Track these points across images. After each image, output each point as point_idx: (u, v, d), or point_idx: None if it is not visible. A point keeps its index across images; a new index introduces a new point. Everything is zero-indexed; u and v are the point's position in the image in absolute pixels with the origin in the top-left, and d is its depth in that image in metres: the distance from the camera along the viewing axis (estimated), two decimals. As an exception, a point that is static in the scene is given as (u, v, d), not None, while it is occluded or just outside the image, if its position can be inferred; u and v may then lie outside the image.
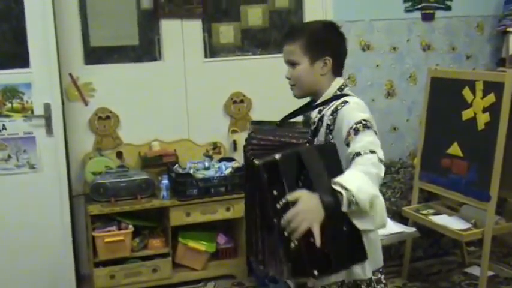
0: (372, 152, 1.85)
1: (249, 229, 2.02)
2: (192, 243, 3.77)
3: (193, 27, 3.99)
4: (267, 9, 4.17)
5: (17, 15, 3.53)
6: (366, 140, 1.88)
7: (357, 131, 1.90)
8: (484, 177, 3.34)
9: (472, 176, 3.44)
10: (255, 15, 4.14)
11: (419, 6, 4.44)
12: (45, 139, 3.56)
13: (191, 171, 3.74)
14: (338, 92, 2.09)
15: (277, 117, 2.21)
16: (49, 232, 3.62)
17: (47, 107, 3.52)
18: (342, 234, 1.80)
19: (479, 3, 4.59)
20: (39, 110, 3.53)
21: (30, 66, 3.51)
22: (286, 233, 1.71)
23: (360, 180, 1.78)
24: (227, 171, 3.76)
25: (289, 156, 1.79)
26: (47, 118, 3.53)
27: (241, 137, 4.08)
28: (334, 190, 1.75)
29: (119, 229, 3.62)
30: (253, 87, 4.11)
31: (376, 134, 1.94)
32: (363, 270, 2.04)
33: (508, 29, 4.46)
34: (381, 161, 1.87)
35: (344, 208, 1.75)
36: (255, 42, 4.20)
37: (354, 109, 1.98)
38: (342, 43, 2.15)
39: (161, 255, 3.73)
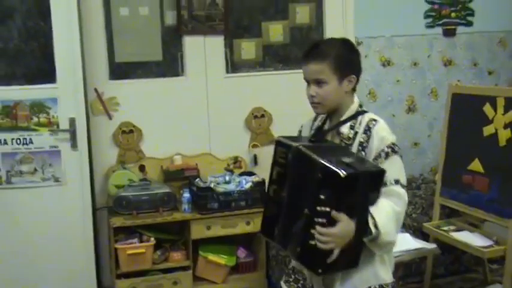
0: (397, 181, 2.05)
1: (273, 209, 2.14)
2: (212, 257, 3.79)
3: (215, 44, 4.05)
4: (288, 25, 4.21)
5: (44, 33, 3.64)
6: (394, 169, 2.06)
7: (387, 155, 2.06)
8: (506, 193, 3.32)
9: (494, 192, 3.42)
10: (276, 32, 4.19)
11: (440, 22, 4.45)
12: (70, 153, 3.65)
13: (212, 185, 3.78)
14: (359, 109, 2.18)
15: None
16: (72, 244, 3.69)
17: (72, 122, 3.61)
18: (352, 247, 1.98)
19: (501, 19, 4.57)
20: (64, 125, 3.62)
21: (56, 81, 3.60)
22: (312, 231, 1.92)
23: (390, 224, 2.00)
24: (247, 186, 3.79)
25: (351, 176, 1.89)
26: (72, 132, 3.62)
27: (262, 152, 4.13)
28: (367, 224, 1.96)
29: (141, 241, 3.66)
30: (274, 102, 4.15)
31: (401, 156, 2.11)
32: (387, 274, 2.17)
33: (531, 45, 4.45)
34: (403, 186, 2.07)
35: (366, 240, 1.98)
36: (276, 57, 4.24)
37: (385, 130, 2.12)
38: (360, 61, 2.22)
39: (182, 268, 3.75)
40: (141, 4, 3.92)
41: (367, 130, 2.10)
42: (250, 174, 3.94)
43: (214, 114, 4.09)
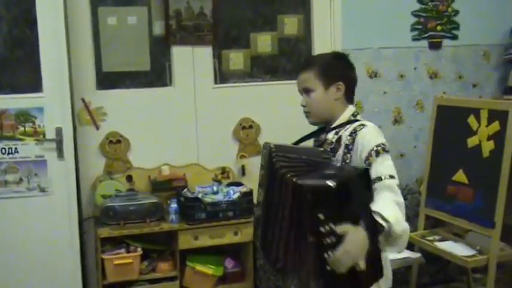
0: (392, 177, 2.05)
1: (269, 237, 2.04)
2: (199, 267, 3.78)
3: (204, 54, 4.05)
4: (277, 36, 4.23)
5: (31, 42, 3.60)
6: (387, 164, 2.07)
7: (378, 153, 2.08)
8: (489, 204, 3.37)
9: (478, 202, 3.47)
10: (264, 43, 4.21)
11: (426, 35, 4.50)
12: (56, 163, 3.62)
13: (200, 196, 3.77)
14: (352, 118, 2.21)
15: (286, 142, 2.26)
16: (58, 254, 3.66)
17: (59, 131, 3.59)
18: (371, 256, 1.89)
19: (486, 32, 4.64)
20: (50, 134, 3.60)
21: (43, 91, 3.58)
22: (328, 263, 1.81)
23: (396, 212, 1.96)
24: (235, 196, 3.79)
25: (341, 185, 1.84)
26: (58, 142, 3.60)
27: (250, 162, 4.14)
28: (375, 221, 1.89)
29: (128, 252, 3.64)
30: (262, 113, 4.16)
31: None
32: None
33: (515, 58, 4.51)
34: (397, 185, 2.07)
35: (381, 238, 1.92)
36: (264, 68, 4.25)
37: (373, 132, 2.16)
38: (351, 71, 2.28)
39: (169, 279, 3.74)
40: (129, 13, 3.92)
41: (353, 133, 2.13)
42: (238, 184, 3.95)
43: (202, 124, 4.08)
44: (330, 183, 1.82)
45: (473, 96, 4.62)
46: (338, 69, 2.23)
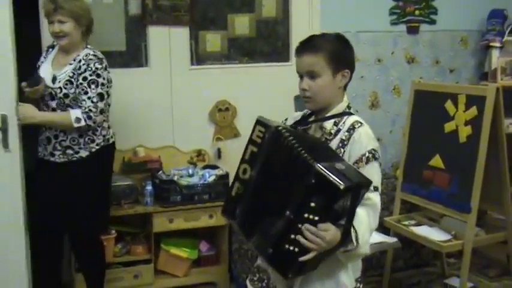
0: (376, 188, 2.02)
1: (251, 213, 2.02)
2: (174, 250, 3.77)
3: (181, 35, 4.00)
4: (254, 18, 4.19)
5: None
6: (372, 173, 2.01)
7: (368, 160, 2.02)
8: (465, 189, 3.38)
9: (453, 188, 3.48)
10: (242, 24, 4.16)
11: (405, 19, 4.49)
12: (1, 154, 3.09)
13: (175, 178, 3.75)
14: (347, 109, 2.14)
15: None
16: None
17: (4, 119, 3.08)
18: (323, 254, 1.93)
19: (464, 18, 4.65)
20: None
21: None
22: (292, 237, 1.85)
23: (367, 238, 1.98)
24: (211, 179, 3.78)
25: (347, 191, 1.82)
26: (4, 131, 3.09)
27: (226, 145, 4.11)
28: (350, 235, 1.91)
29: (102, 234, 3.61)
30: (238, 96, 4.13)
31: (380, 164, 2.07)
32: (349, 280, 2.11)
33: (491, 44, 4.52)
34: (380, 194, 2.05)
35: (341, 249, 1.94)
36: (241, 51, 4.21)
37: (369, 135, 2.08)
38: (354, 56, 2.20)
39: (143, 261, 3.73)
40: (104, -8, 3.85)
41: (351, 129, 2.06)
42: (214, 167, 3.93)
43: (178, 106, 4.04)
44: (341, 184, 1.78)
45: (450, 81, 4.64)
46: (346, 55, 2.13)
